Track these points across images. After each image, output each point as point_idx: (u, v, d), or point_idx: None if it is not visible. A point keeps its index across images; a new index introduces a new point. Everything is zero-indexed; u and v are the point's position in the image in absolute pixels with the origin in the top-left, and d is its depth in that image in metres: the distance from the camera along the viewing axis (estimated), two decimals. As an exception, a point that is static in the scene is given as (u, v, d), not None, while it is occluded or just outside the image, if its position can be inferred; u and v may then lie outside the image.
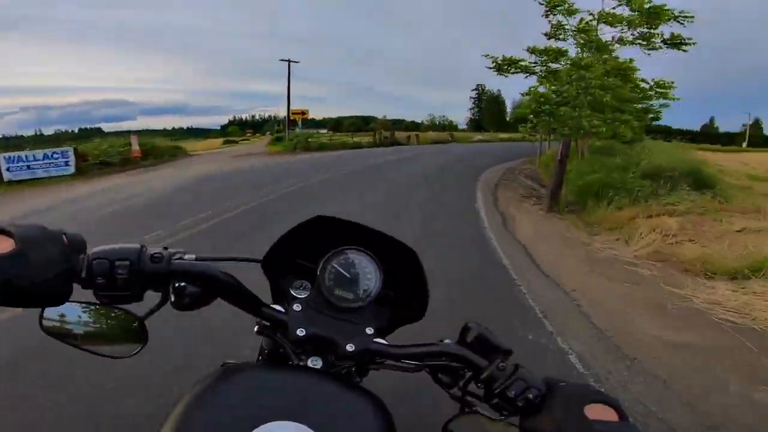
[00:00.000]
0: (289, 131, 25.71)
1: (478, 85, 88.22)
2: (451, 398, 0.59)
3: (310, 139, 23.63)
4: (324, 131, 42.55)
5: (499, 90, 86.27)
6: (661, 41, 7.47)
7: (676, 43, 7.68)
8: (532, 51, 7.86)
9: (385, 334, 0.69)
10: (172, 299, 0.57)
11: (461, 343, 0.59)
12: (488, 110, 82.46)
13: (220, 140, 47.76)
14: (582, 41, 7.39)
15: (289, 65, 27.09)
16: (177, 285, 0.57)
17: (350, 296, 0.66)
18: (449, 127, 78.02)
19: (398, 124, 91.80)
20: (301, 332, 0.59)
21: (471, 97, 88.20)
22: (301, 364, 0.61)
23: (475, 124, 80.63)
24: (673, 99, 8.55)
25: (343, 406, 0.51)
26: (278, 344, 0.64)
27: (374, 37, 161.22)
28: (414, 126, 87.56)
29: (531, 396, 0.52)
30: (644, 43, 7.54)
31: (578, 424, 0.46)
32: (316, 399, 0.51)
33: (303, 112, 26.84)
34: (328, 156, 18.46)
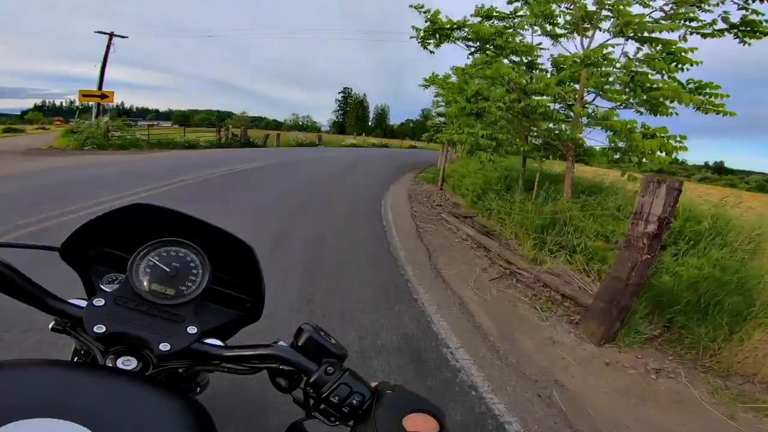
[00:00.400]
0: (92, 119, 17.13)
1: (345, 87, 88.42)
2: (295, 402, 0.57)
3: (117, 133, 15.72)
4: (169, 124, 37.57)
5: (364, 94, 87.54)
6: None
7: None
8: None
9: (223, 335, 0.66)
10: None
11: (295, 345, 0.57)
12: (353, 113, 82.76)
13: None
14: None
15: (109, 40, 18.52)
16: None
17: (171, 292, 0.62)
18: (313, 128, 74.79)
19: (258, 122, 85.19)
20: (99, 329, 0.54)
21: (337, 99, 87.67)
22: (108, 364, 0.56)
23: (339, 127, 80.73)
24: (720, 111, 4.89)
25: (133, 408, 0.46)
26: (84, 345, 0.58)
27: (243, 32, 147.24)
28: (276, 125, 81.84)
29: (355, 402, 0.52)
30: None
31: None
32: (96, 399, 0.45)
33: (104, 95, 18.07)
34: (110, 164, 10.02)
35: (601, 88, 5.59)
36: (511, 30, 6.71)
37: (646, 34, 5.11)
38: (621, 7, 5.02)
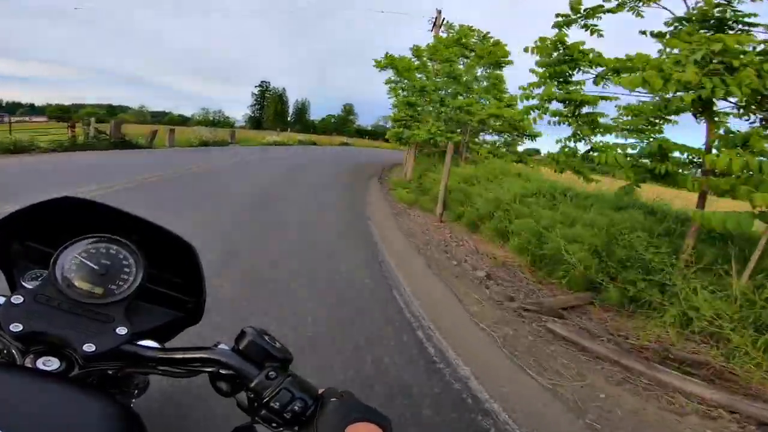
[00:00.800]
0: None
1: (262, 81, 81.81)
2: (238, 406, 0.54)
3: None
4: (44, 119, 33.24)
5: (284, 88, 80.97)
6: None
7: None
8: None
9: (162, 336, 0.63)
10: None
11: (236, 349, 0.54)
12: (272, 108, 76.57)
13: None
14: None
15: None
16: None
17: (99, 291, 0.59)
18: (226, 123, 66.50)
19: (160, 117, 73.32)
20: (15, 328, 0.51)
21: (253, 93, 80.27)
22: (27, 365, 0.52)
23: (255, 122, 74.18)
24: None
25: (53, 410, 0.43)
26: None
27: (146, 19, 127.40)
28: (181, 120, 70.88)
29: (297, 408, 0.50)
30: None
31: None
32: (11, 400, 0.42)
33: None
34: None
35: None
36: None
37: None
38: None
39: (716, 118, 3.40)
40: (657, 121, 3.78)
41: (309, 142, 34.22)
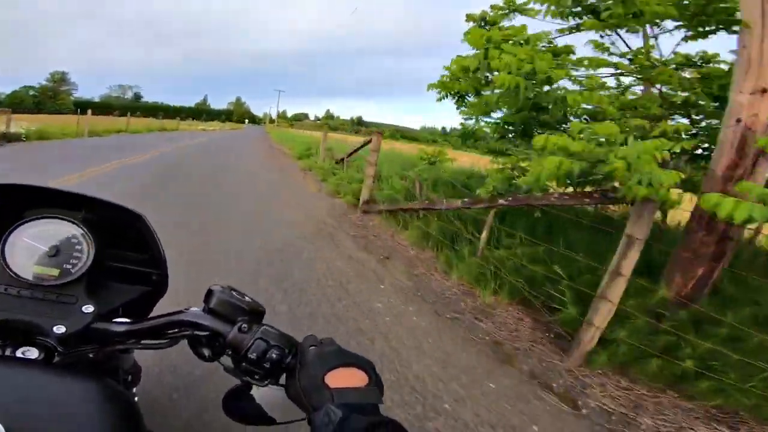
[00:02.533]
0: None
1: None
2: (225, 370, 0.54)
3: None
4: None
5: None
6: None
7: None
8: None
9: (137, 314, 0.62)
10: None
11: (207, 309, 0.55)
12: None
13: None
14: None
15: None
16: None
17: (55, 272, 0.57)
18: None
19: None
20: None
21: None
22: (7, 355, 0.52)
23: None
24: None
25: (43, 396, 0.43)
26: None
27: None
28: None
29: (274, 357, 0.50)
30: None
31: (319, 392, 0.46)
32: (11, 391, 0.43)
33: None
34: None
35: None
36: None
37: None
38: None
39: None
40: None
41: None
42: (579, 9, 3.67)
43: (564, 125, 4.01)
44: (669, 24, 3.41)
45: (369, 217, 5.57)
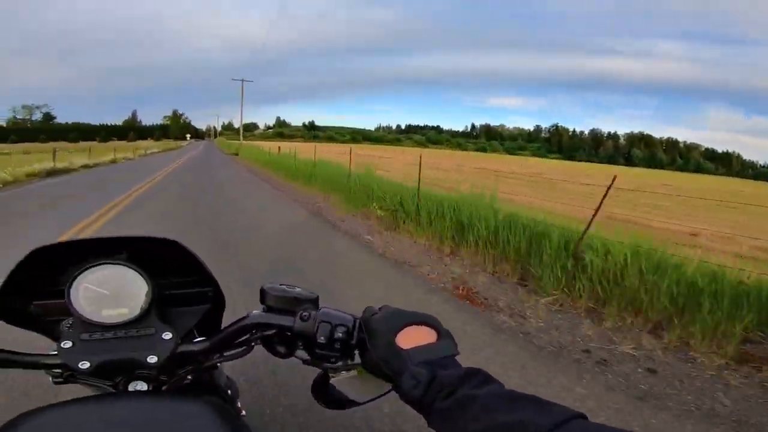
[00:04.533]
0: None
1: None
2: (305, 364, 0.57)
3: None
4: None
5: None
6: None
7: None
8: None
9: (208, 332, 0.64)
10: None
11: (266, 308, 0.58)
12: None
13: None
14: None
15: None
16: None
17: (124, 311, 0.60)
18: None
19: None
20: (84, 365, 0.55)
21: None
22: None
23: None
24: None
25: (158, 423, 0.48)
26: (93, 387, 0.61)
27: None
28: None
29: (341, 335, 0.53)
30: None
31: (395, 356, 0.46)
32: (133, 420, 0.48)
33: None
34: None
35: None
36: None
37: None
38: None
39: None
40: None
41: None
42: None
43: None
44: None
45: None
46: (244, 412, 0.87)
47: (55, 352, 0.57)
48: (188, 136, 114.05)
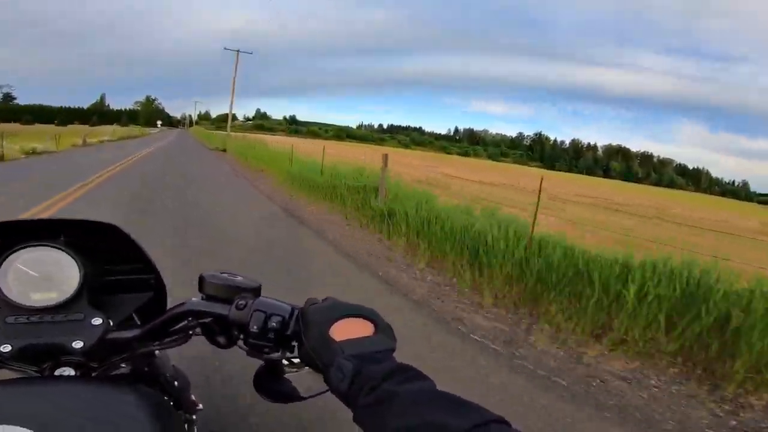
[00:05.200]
0: None
1: None
2: (248, 355, 0.55)
3: None
4: None
5: None
6: None
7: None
8: None
9: (151, 318, 0.61)
10: None
11: (204, 296, 0.57)
12: None
13: None
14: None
15: None
16: None
17: (53, 295, 0.59)
18: None
19: None
20: (5, 348, 0.54)
21: None
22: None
23: None
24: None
25: (78, 408, 0.46)
26: (18, 373, 0.58)
27: None
28: None
29: (276, 325, 0.51)
30: None
31: (327, 348, 0.45)
32: (52, 405, 0.46)
33: None
34: None
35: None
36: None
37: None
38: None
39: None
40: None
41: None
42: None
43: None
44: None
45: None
46: (200, 406, 0.90)
47: None
48: (159, 123, 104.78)
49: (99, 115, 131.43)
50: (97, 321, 0.58)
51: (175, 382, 0.81)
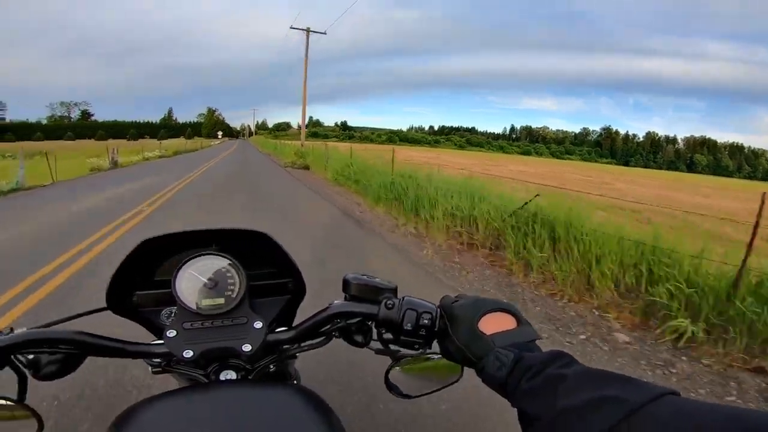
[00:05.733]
0: None
1: None
2: (377, 353, 0.59)
3: None
4: None
5: None
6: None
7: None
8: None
9: (286, 322, 0.70)
10: (30, 372, 0.54)
11: (348, 297, 0.60)
12: None
13: None
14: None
15: None
16: (29, 357, 0.54)
17: (221, 301, 0.63)
18: None
19: None
20: (188, 353, 0.57)
21: None
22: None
23: None
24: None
25: (268, 410, 0.50)
26: (184, 376, 0.64)
27: None
28: None
29: (427, 322, 0.53)
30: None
31: (479, 341, 0.47)
32: (242, 409, 0.49)
33: None
34: None
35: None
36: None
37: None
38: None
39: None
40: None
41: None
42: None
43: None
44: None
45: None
46: None
47: (160, 342, 0.59)
48: (219, 133, 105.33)
49: (167, 128, 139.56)
50: (259, 324, 0.61)
51: (295, 381, 0.83)
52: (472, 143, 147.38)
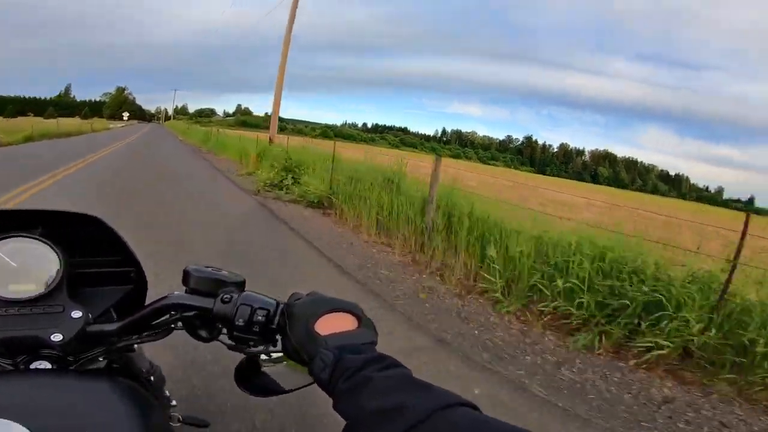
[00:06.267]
0: None
1: None
2: (229, 349, 0.55)
3: None
4: None
5: None
6: None
7: None
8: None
9: (129, 312, 0.60)
10: None
11: (188, 290, 0.56)
12: None
13: None
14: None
15: None
16: None
17: (32, 287, 0.59)
18: None
19: None
20: None
21: None
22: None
23: None
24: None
25: (71, 397, 0.46)
26: None
27: None
28: None
29: (261, 318, 0.51)
30: None
31: (312, 342, 0.46)
32: (41, 397, 0.45)
33: None
34: None
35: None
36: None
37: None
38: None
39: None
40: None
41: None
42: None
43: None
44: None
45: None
46: (174, 402, 0.86)
47: None
48: (125, 115, 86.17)
49: (59, 106, 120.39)
50: (77, 314, 0.57)
51: (151, 378, 0.78)
52: (405, 143, 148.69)
